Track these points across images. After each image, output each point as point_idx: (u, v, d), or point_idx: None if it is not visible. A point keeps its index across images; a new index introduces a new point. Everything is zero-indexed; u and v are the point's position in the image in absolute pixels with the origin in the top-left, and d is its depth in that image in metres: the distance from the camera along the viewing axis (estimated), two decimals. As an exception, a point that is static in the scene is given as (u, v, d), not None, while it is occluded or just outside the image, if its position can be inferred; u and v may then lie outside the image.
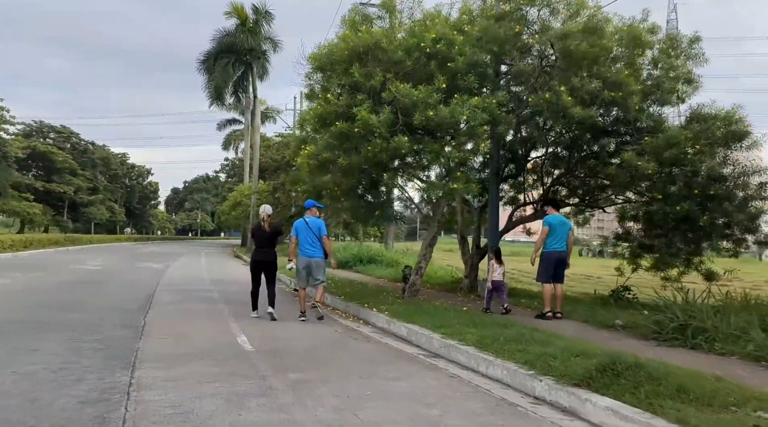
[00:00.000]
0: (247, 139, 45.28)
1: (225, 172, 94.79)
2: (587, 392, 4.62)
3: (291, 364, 6.17)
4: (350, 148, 10.06)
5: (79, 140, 68.87)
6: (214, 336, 7.82)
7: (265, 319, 9.47)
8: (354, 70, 9.94)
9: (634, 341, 7.22)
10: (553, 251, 9.36)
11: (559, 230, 9.42)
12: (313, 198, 11.64)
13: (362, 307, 10.14)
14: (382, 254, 22.41)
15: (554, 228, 9.38)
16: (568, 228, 9.65)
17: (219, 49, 37.96)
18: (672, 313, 7.36)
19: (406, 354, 7.00)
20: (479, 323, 7.83)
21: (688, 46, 11.65)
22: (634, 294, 11.33)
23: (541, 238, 9.45)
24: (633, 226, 12.81)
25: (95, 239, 49.62)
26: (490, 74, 10.77)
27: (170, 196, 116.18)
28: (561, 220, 9.71)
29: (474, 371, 6.08)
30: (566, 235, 9.50)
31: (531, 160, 13.99)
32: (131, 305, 10.74)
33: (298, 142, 13.40)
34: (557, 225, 9.45)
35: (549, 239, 9.36)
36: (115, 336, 7.52)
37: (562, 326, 8.21)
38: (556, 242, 9.38)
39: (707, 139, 9.91)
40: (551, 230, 9.36)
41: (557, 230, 9.40)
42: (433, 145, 9.69)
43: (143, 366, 5.88)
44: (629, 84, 10.16)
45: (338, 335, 8.36)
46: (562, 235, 9.42)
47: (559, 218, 9.74)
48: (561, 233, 9.42)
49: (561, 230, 9.43)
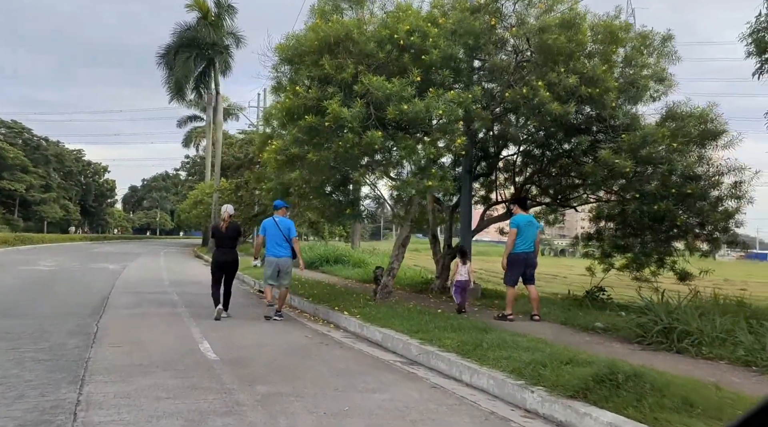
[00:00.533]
0: (208, 136, 44.11)
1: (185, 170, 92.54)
2: (585, 404, 4.26)
3: (259, 375, 5.67)
4: (320, 144, 9.59)
5: (32, 136, 66.52)
6: (174, 343, 7.25)
7: (228, 323, 8.94)
8: (324, 61, 9.46)
9: (618, 345, 6.96)
10: (521, 252, 9.07)
11: (527, 230, 9.13)
12: (280, 196, 11.15)
13: (332, 310, 9.67)
14: (349, 254, 21.94)
15: (522, 229, 9.09)
16: (536, 228, 9.36)
17: (180, 43, 36.73)
18: (655, 315, 7.12)
19: (382, 362, 6.57)
20: (457, 326, 7.46)
21: (661, 44, 11.58)
22: (609, 295, 11.16)
23: (511, 240, 9.14)
24: (605, 225, 12.68)
25: (47, 238, 47.73)
26: (465, 69, 10.42)
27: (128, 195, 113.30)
28: (528, 220, 9.41)
29: (456, 380, 5.69)
30: (534, 235, 9.21)
31: (503, 158, 13.77)
32: (83, 309, 10.02)
33: (263, 139, 12.84)
34: (525, 226, 9.15)
35: (517, 241, 9.07)
36: (64, 344, 6.88)
37: (541, 329, 7.90)
38: (523, 243, 9.08)
39: (683, 136, 9.77)
40: (519, 231, 9.07)
41: (525, 230, 9.11)
42: (407, 140, 9.29)
43: (94, 380, 5.30)
44: (606, 80, 9.97)
45: (308, 340, 7.87)
46: (529, 235, 9.14)
47: (526, 217, 9.43)
48: (529, 234, 9.13)
49: (529, 231, 9.14)
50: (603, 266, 12.21)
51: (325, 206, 11.20)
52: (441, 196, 13.37)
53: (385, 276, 10.51)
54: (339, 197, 10.98)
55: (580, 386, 4.45)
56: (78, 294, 12.36)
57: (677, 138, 9.67)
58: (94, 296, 11.89)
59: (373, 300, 10.35)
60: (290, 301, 11.82)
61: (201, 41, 36.24)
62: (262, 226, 9.91)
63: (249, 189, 31.53)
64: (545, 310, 9.64)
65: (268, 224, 9.77)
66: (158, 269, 21.65)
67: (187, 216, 49.43)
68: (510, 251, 9.09)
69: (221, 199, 33.33)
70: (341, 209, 10.65)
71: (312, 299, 10.98)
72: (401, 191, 9.29)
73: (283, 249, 9.60)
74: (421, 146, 9.51)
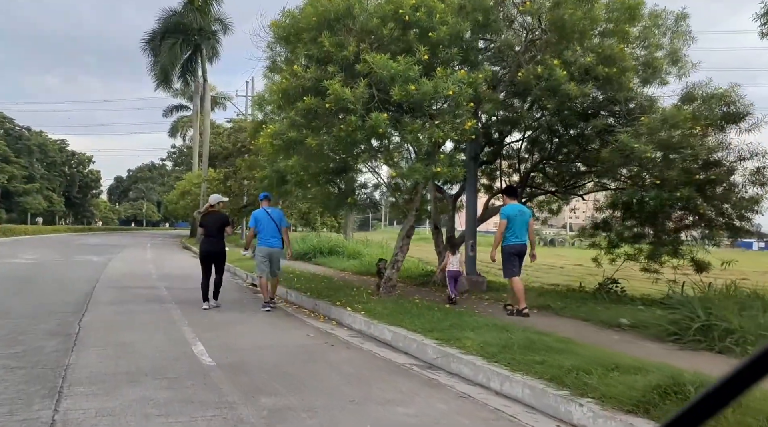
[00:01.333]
0: (196, 125, 43.09)
1: (172, 161, 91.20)
2: (648, 422, 3.66)
3: (262, 384, 5.02)
4: (320, 127, 8.92)
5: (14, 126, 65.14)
6: (165, 346, 6.57)
7: (223, 321, 8.29)
8: (324, 38, 8.76)
9: (651, 344, 6.38)
10: (513, 244, 8.64)
11: (518, 220, 8.70)
12: (275, 184, 10.52)
13: (334, 305, 9.02)
14: (344, 245, 21.25)
15: (512, 220, 8.67)
16: (527, 217, 8.89)
17: (165, 29, 35.68)
18: (690, 311, 6.55)
19: (396, 365, 5.94)
20: (473, 325, 6.85)
21: (675, 24, 10.99)
22: (622, 287, 10.62)
23: (500, 231, 8.71)
24: (612, 214, 12.12)
25: (30, 229, 46.63)
26: (474, 47, 9.76)
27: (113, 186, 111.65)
28: (519, 209, 8.95)
29: (484, 387, 5.08)
30: (526, 225, 8.76)
31: (507, 145, 13.17)
32: (65, 306, 9.30)
33: (256, 125, 12.13)
34: (515, 216, 8.72)
35: (508, 232, 8.64)
36: (41, 348, 6.19)
37: (562, 327, 7.31)
38: (515, 234, 8.66)
39: (705, 119, 9.18)
40: (510, 221, 8.64)
41: (515, 221, 8.68)
42: (413, 124, 8.62)
43: (73, 392, 4.62)
44: (624, 59, 9.38)
45: (311, 340, 7.22)
46: (521, 226, 8.71)
47: (516, 207, 8.97)
48: (520, 224, 8.70)
49: (519, 221, 8.71)
50: (610, 256, 11.71)
51: (324, 195, 10.51)
52: (441, 185, 12.77)
53: (388, 269, 9.87)
54: (340, 185, 10.29)
55: (639, 399, 3.85)
56: (59, 289, 11.61)
57: (699, 121, 9.08)
58: (76, 292, 11.15)
59: (376, 294, 9.72)
60: (287, 295, 11.17)
61: (187, 27, 35.26)
62: (254, 217, 9.97)
63: (238, 179, 30.70)
64: (560, 304, 9.13)
65: (260, 215, 9.84)
66: (145, 262, 20.87)
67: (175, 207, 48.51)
68: (500, 243, 8.67)
69: (209, 189, 32.48)
70: (343, 198, 9.97)
71: (311, 294, 10.33)
72: (407, 178, 8.63)
73: (276, 239, 9.77)
74: (428, 130, 8.85)
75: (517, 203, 9.20)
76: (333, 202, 10.65)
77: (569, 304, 9.14)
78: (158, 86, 37.01)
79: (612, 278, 10.67)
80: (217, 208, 10.11)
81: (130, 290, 11.93)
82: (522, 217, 8.76)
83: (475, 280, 11.81)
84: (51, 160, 72.22)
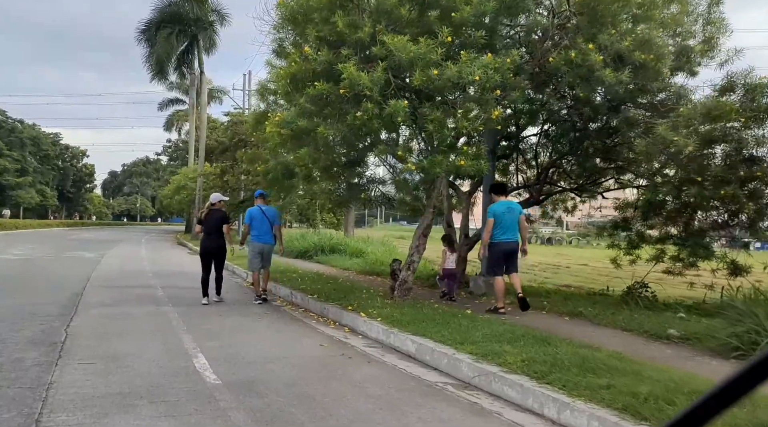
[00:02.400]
0: (192, 118, 42.18)
1: (167, 155, 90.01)
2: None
3: (278, 409, 4.27)
4: (332, 115, 8.16)
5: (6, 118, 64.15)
6: (162, 358, 5.81)
7: (225, 326, 7.54)
8: (337, 17, 8.00)
9: (713, 361, 5.67)
10: (501, 242, 8.37)
11: (506, 218, 8.36)
12: (281, 178, 9.79)
13: (345, 310, 8.27)
14: (345, 242, 20.49)
15: (500, 217, 8.34)
16: (517, 214, 8.51)
17: (161, 19, 34.71)
18: (755, 322, 5.83)
19: (428, 385, 5.18)
20: (509, 336, 6.12)
21: (707, 10, 10.27)
22: (653, 291, 9.90)
23: (487, 230, 8.47)
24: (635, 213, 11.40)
25: (21, 224, 45.68)
26: (500, 30, 9.01)
27: (107, 180, 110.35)
28: (508, 206, 8.56)
29: (536, 414, 4.34)
30: (515, 222, 8.43)
31: (524, 138, 12.44)
32: (51, 308, 8.53)
33: (258, 116, 11.34)
34: (503, 213, 8.38)
35: (496, 230, 8.34)
36: (20, 361, 5.42)
37: (605, 339, 6.58)
38: (503, 232, 8.38)
39: (752, 111, 8.47)
40: (497, 220, 8.34)
41: (504, 218, 8.35)
42: (435, 112, 7.86)
43: (54, 421, 3.87)
44: (661, 45, 8.66)
45: (326, 351, 6.46)
46: (510, 223, 8.38)
47: (505, 204, 8.60)
48: (509, 222, 8.37)
49: (508, 218, 8.37)
50: (630, 257, 11.02)
51: (336, 189, 9.75)
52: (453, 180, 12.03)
53: (404, 271, 9.13)
54: (350, 180, 9.52)
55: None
56: (47, 289, 10.83)
57: (745, 112, 8.37)
58: (65, 292, 10.37)
59: (390, 298, 8.98)
60: (292, 297, 10.43)
61: (184, 16, 34.33)
62: (248, 214, 10.15)
63: (235, 174, 29.89)
64: (591, 310, 8.42)
65: (255, 213, 10.04)
66: (139, 258, 20.06)
67: (170, 202, 47.63)
68: (488, 241, 8.47)
69: (206, 184, 31.65)
70: (356, 193, 9.20)
71: (318, 296, 9.56)
72: (428, 172, 7.89)
73: (269, 236, 10.08)
74: (451, 119, 8.10)
75: (506, 200, 8.89)
76: (344, 198, 9.89)
77: (602, 310, 8.43)
78: (154, 78, 36.08)
79: (642, 282, 9.95)
80: (218, 206, 10.02)
81: (123, 289, 11.15)
82: (511, 214, 8.50)
83: (492, 282, 11.08)
84: (44, 154, 71.13)
